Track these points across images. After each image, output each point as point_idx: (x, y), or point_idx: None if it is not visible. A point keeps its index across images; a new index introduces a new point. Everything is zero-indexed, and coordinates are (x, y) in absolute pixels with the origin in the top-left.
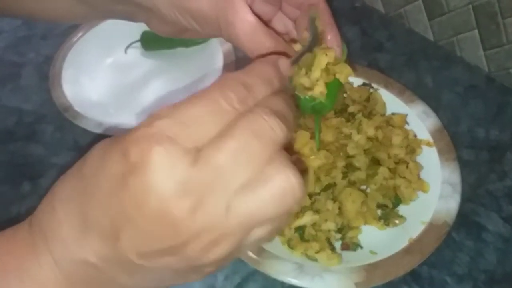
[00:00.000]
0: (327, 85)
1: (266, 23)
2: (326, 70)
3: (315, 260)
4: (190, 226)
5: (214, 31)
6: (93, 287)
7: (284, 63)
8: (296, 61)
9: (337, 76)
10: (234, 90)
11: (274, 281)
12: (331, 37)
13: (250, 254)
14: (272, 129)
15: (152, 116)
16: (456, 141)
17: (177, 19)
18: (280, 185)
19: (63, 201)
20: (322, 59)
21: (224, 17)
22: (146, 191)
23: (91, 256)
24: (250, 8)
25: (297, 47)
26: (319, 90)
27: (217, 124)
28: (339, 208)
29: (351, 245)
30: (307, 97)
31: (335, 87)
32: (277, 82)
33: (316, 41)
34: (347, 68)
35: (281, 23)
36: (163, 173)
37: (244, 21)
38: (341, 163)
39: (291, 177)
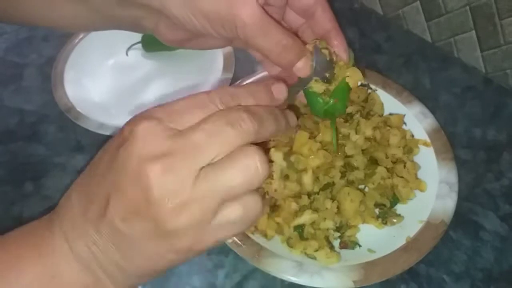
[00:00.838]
0: (338, 89)
1: None
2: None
3: (314, 258)
4: (161, 186)
5: (228, 32)
6: (95, 264)
7: (279, 87)
8: (298, 86)
9: (347, 80)
10: (219, 94)
11: (274, 279)
12: (337, 42)
13: (250, 253)
14: (241, 119)
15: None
16: (453, 141)
17: (189, 20)
18: (246, 164)
19: (76, 187)
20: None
21: (240, 18)
22: (129, 156)
23: (90, 228)
24: None
25: (310, 47)
26: (332, 100)
27: (199, 115)
28: (338, 207)
29: (349, 244)
30: (320, 101)
31: (346, 90)
32: (264, 100)
33: (326, 68)
34: (358, 74)
35: None
36: (144, 141)
37: (260, 21)
38: (339, 163)
39: (256, 158)
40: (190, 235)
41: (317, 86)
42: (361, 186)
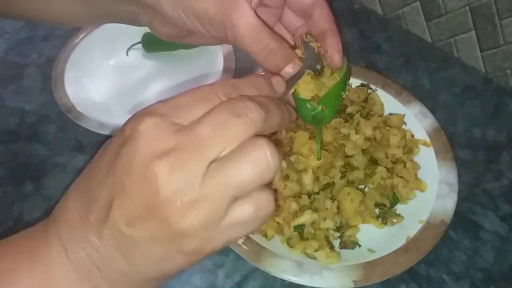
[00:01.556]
0: (327, 96)
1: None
2: (322, 83)
3: (314, 258)
4: (169, 184)
5: (218, 32)
6: (95, 272)
7: (277, 80)
8: (292, 80)
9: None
10: (222, 86)
11: (274, 279)
12: (332, 43)
13: (250, 253)
14: (247, 108)
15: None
16: (453, 141)
17: (180, 19)
18: (256, 156)
19: (74, 189)
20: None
21: (229, 19)
22: (132, 155)
23: (90, 233)
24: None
25: (299, 52)
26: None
27: (202, 108)
28: (338, 207)
29: (349, 244)
30: (308, 107)
31: (335, 98)
32: (266, 91)
33: (316, 60)
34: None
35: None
36: (148, 138)
37: (249, 23)
38: (339, 163)
39: (267, 150)
40: (199, 236)
41: (304, 93)
42: (361, 186)
